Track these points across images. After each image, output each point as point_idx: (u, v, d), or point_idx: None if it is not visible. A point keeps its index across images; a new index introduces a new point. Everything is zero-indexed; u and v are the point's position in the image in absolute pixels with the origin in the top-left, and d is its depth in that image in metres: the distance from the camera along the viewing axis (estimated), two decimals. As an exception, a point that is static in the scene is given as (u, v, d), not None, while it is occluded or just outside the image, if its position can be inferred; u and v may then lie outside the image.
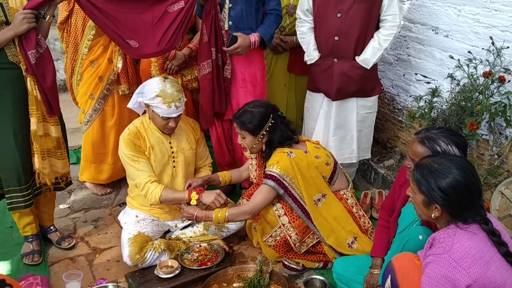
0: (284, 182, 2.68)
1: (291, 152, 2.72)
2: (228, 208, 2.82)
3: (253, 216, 2.81)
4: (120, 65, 3.36)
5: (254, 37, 3.08)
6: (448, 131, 2.13)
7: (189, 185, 2.92)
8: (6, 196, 2.77)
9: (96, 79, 3.40)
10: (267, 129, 2.75)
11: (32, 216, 2.93)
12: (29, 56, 2.56)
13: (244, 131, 2.77)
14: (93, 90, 3.42)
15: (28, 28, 2.53)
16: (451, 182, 1.75)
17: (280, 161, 2.69)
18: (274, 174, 2.69)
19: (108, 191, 3.72)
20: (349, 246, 2.77)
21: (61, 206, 3.54)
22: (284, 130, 2.79)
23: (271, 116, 2.75)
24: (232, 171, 3.17)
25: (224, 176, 3.07)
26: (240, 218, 2.87)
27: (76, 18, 3.27)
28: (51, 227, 3.14)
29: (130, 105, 3.01)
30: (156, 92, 2.79)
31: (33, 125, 2.70)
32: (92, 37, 3.26)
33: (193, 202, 2.83)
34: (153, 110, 2.83)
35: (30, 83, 2.64)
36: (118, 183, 3.78)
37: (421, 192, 1.82)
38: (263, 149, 2.81)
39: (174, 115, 2.82)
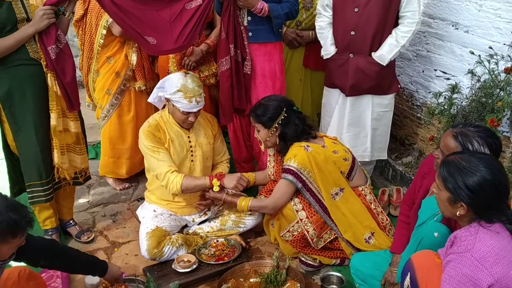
0: (302, 176, 2.69)
1: (308, 146, 2.73)
2: (251, 199, 2.86)
3: (275, 211, 2.82)
4: (134, 61, 3.39)
5: (263, 4, 3.02)
6: (485, 131, 2.06)
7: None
8: (27, 190, 2.83)
9: (113, 75, 3.45)
10: (280, 122, 2.76)
11: (52, 210, 2.98)
12: (49, 51, 2.60)
13: (258, 123, 2.81)
14: (109, 85, 3.47)
15: (48, 24, 2.57)
16: (479, 181, 1.71)
17: (298, 155, 2.70)
18: (292, 168, 2.70)
19: (127, 185, 3.77)
20: (366, 242, 2.77)
21: (81, 201, 3.59)
22: (298, 125, 2.80)
23: (285, 109, 2.77)
24: (257, 173, 3.18)
25: (249, 176, 3.08)
26: (262, 212, 2.95)
27: (91, 17, 3.33)
28: (71, 221, 3.19)
29: (150, 99, 3.04)
30: (177, 87, 2.81)
31: (53, 120, 2.74)
32: (103, 35, 3.30)
33: (216, 188, 2.87)
34: (173, 105, 2.85)
35: (50, 79, 2.68)
36: (136, 178, 3.82)
37: (447, 189, 1.79)
38: (277, 143, 2.82)
39: (194, 110, 2.85)
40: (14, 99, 2.67)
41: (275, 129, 2.79)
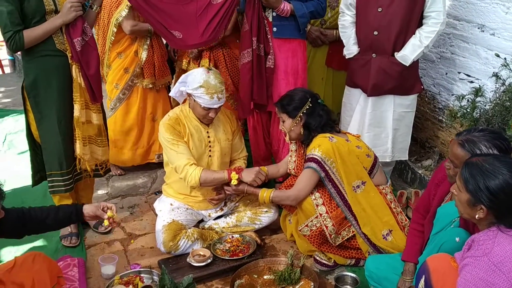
0: (325, 166, 2.70)
1: (332, 137, 2.75)
2: (273, 190, 2.87)
3: (296, 203, 2.82)
4: (143, 58, 3.46)
5: (286, 4, 3.04)
6: (491, 133, 2.02)
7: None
8: (48, 179, 2.88)
9: (121, 71, 3.54)
10: (304, 111, 2.79)
11: (71, 200, 3.02)
12: (75, 43, 2.65)
13: (283, 113, 2.84)
14: (118, 80, 3.57)
15: (76, 16, 2.63)
16: (501, 184, 1.68)
17: (322, 145, 2.72)
18: (316, 157, 2.71)
19: (119, 172, 3.84)
20: (383, 238, 2.75)
21: (99, 192, 3.65)
22: (323, 116, 2.82)
23: (310, 100, 2.80)
24: (269, 166, 3.19)
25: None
26: (284, 203, 2.93)
27: (104, 13, 3.42)
28: (89, 211, 3.23)
29: (172, 93, 3.08)
30: (199, 83, 2.83)
31: (76, 112, 2.79)
32: (114, 32, 3.38)
33: (234, 182, 2.88)
34: (194, 100, 2.87)
35: (75, 71, 2.73)
36: (154, 171, 3.86)
37: (467, 191, 1.76)
38: (302, 133, 2.83)
39: (215, 106, 2.87)
40: (39, 88, 2.73)
41: (299, 119, 2.81)
